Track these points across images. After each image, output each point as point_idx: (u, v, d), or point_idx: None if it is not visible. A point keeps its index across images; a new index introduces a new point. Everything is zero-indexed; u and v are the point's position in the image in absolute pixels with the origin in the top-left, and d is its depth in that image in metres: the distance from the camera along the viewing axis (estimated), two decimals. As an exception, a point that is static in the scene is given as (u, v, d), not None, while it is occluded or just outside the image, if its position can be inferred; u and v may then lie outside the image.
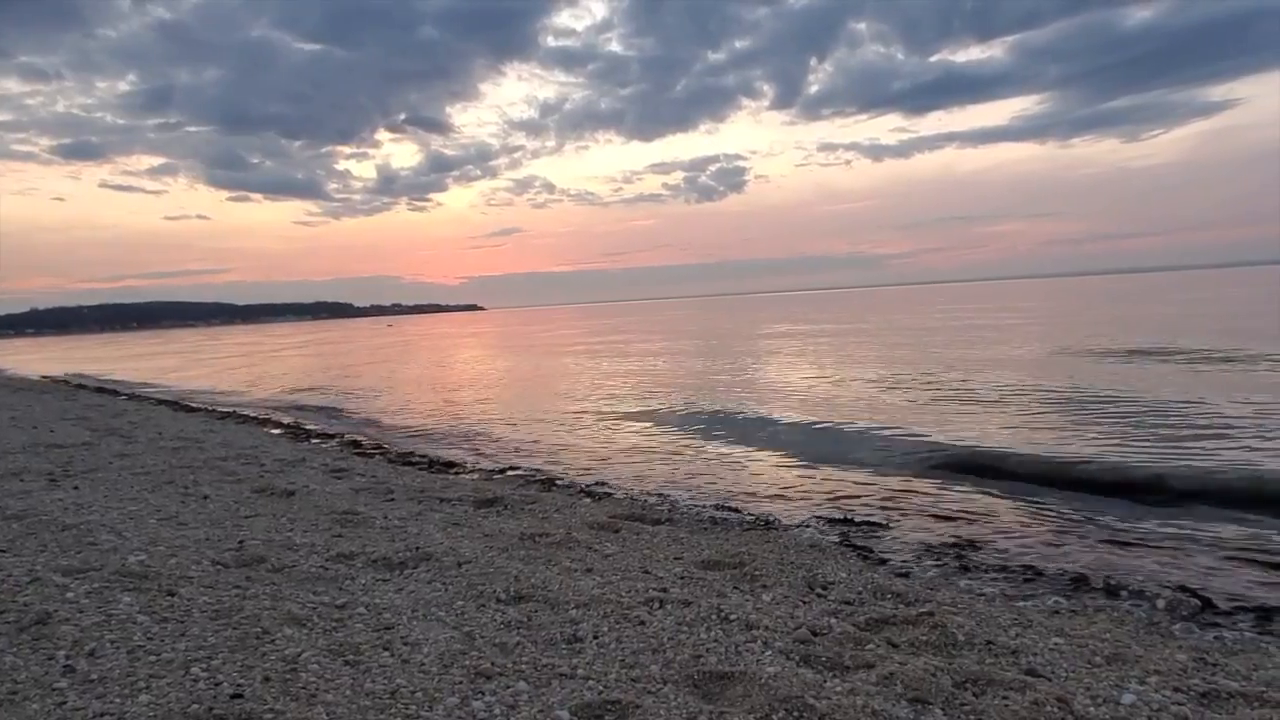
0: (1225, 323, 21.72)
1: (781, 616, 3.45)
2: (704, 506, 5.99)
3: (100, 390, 20.04)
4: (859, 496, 6.41)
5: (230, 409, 14.47)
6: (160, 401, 16.41)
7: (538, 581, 3.87)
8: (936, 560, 4.57)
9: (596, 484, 6.92)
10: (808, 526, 5.32)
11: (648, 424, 10.66)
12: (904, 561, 4.53)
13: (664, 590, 3.80)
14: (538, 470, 7.77)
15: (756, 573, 4.15)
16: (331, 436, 10.53)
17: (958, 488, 6.49)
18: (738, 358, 20.60)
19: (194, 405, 15.29)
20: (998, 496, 6.18)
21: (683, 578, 4.07)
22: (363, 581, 3.87)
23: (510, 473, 7.68)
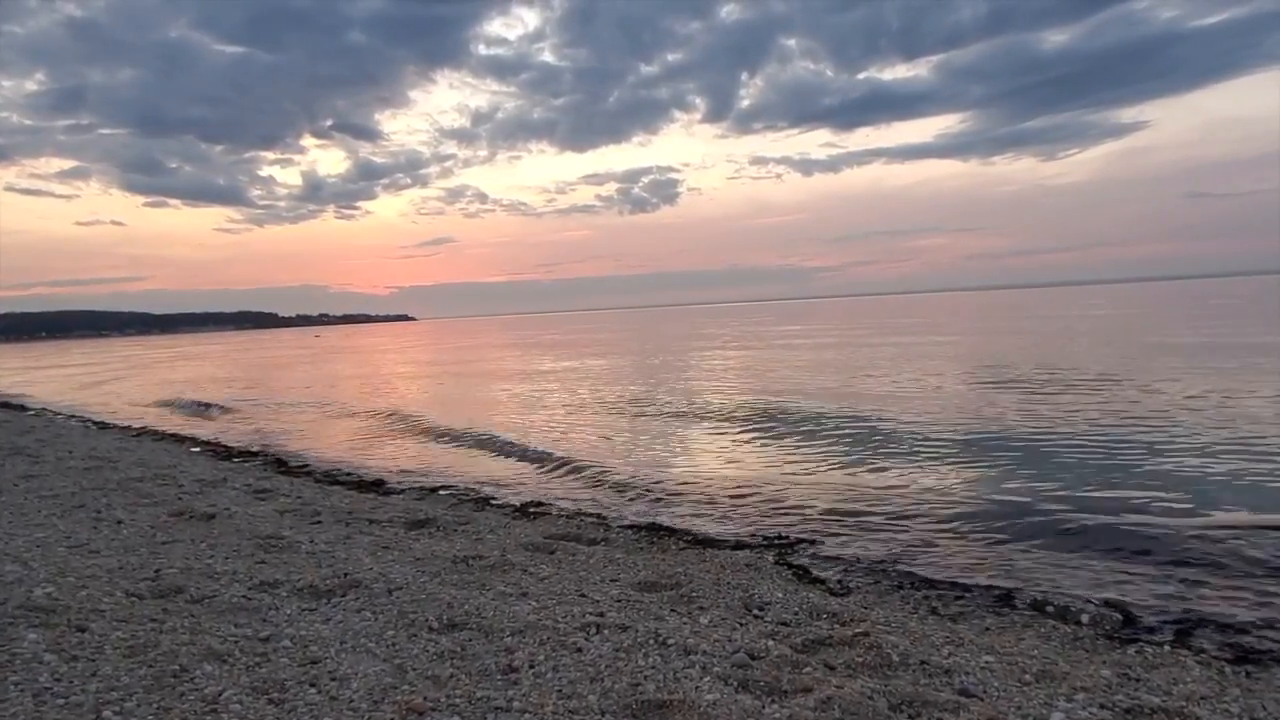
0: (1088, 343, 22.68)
1: (719, 640, 3.44)
2: (640, 526, 5.95)
3: (5, 406, 19.04)
4: (796, 513, 6.46)
5: (146, 425, 13.89)
6: (71, 417, 15.66)
7: (471, 608, 3.79)
8: (869, 578, 4.63)
9: (531, 503, 6.83)
10: (745, 546, 5.33)
11: (579, 438, 10.58)
12: (838, 580, 4.57)
13: (601, 615, 3.75)
14: (470, 489, 7.64)
15: (694, 594, 4.14)
16: (254, 454, 10.18)
17: (886, 507, 6.58)
18: (665, 371, 20.65)
19: (107, 422, 14.63)
20: (926, 519, 6.29)
21: (619, 600, 4.03)
22: (288, 612, 3.73)
23: (442, 492, 7.53)
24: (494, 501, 7.01)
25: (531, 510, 6.54)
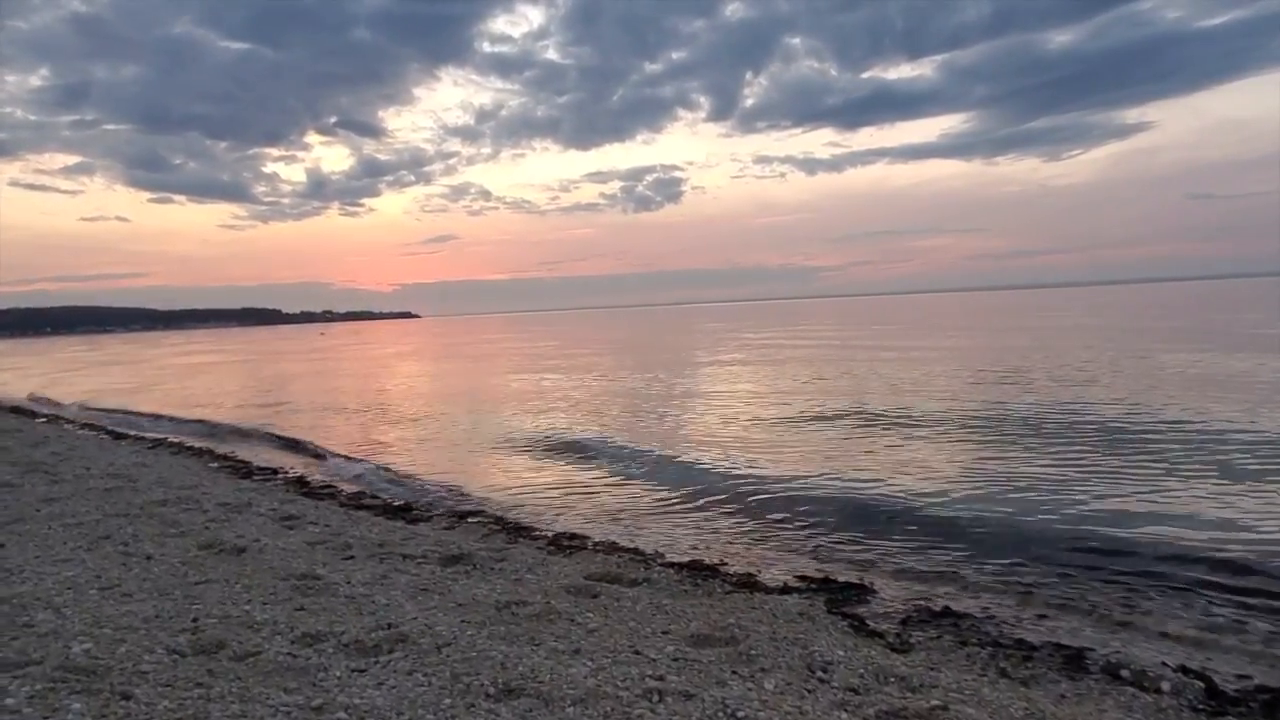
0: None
1: (791, 712, 3.29)
2: (680, 564, 5.80)
3: (15, 411, 18.93)
4: (828, 548, 6.33)
5: (161, 436, 13.77)
6: (83, 426, 15.54)
7: (526, 669, 3.64)
8: (928, 630, 4.48)
9: (564, 535, 6.68)
10: (791, 590, 5.18)
11: (593, 455, 10.43)
12: (896, 633, 4.41)
13: (661, 678, 3.60)
14: (499, 516, 7.50)
15: (752, 652, 3.99)
16: (275, 472, 10.06)
17: (917, 541, 6.44)
18: (670, 381, 20.47)
19: (120, 431, 14.51)
20: (954, 553, 6.14)
21: (677, 660, 3.88)
22: (337, 674, 3.59)
23: (471, 519, 7.39)
24: (526, 532, 6.86)
25: (566, 544, 6.38)
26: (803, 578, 5.49)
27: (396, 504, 8.02)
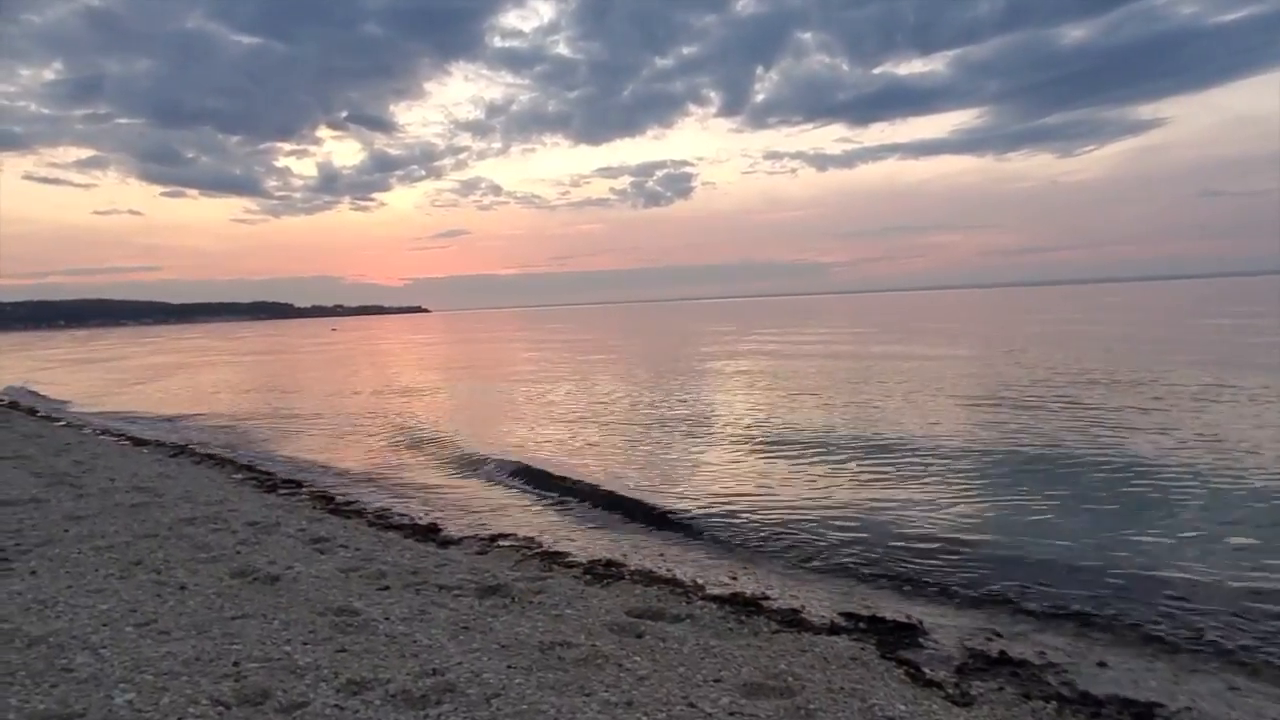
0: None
1: (861, 781, 3.17)
2: (722, 597, 5.68)
3: (33, 414, 18.94)
4: (866, 577, 6.22)
5: (182, 443, 13.73)
6: (103, 431, 15.52)
7: (581, 726, 3.54)
8: (987, 679, 4.35)
9: (599, 562, 6.57)
10: (840, 631, 5.05)
11: (629, 461, 10.32)
12: (955, 682, 4.28)
13: (721, 737, 3.49)
14: (530, 539, 7.41)
15: (810, 706, 3.86)
16: (299, 485, 9.99)
17: (956, 570, 6.31)
18: (680, 379, 20.31)
19: (141, 436, 14.48)
20: (996, 583, 6.01)
21: (733, 715, 3.76)
22: (388, 730, 3.49)
23: (503, 542, 7.29)
24: (559, 558, 6.75)
25: (601, 572, 6.27)
26: (849, 615, 5.36)
27: (424, 524, 7.91)
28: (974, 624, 5.25)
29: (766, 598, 5.70)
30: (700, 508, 8.31)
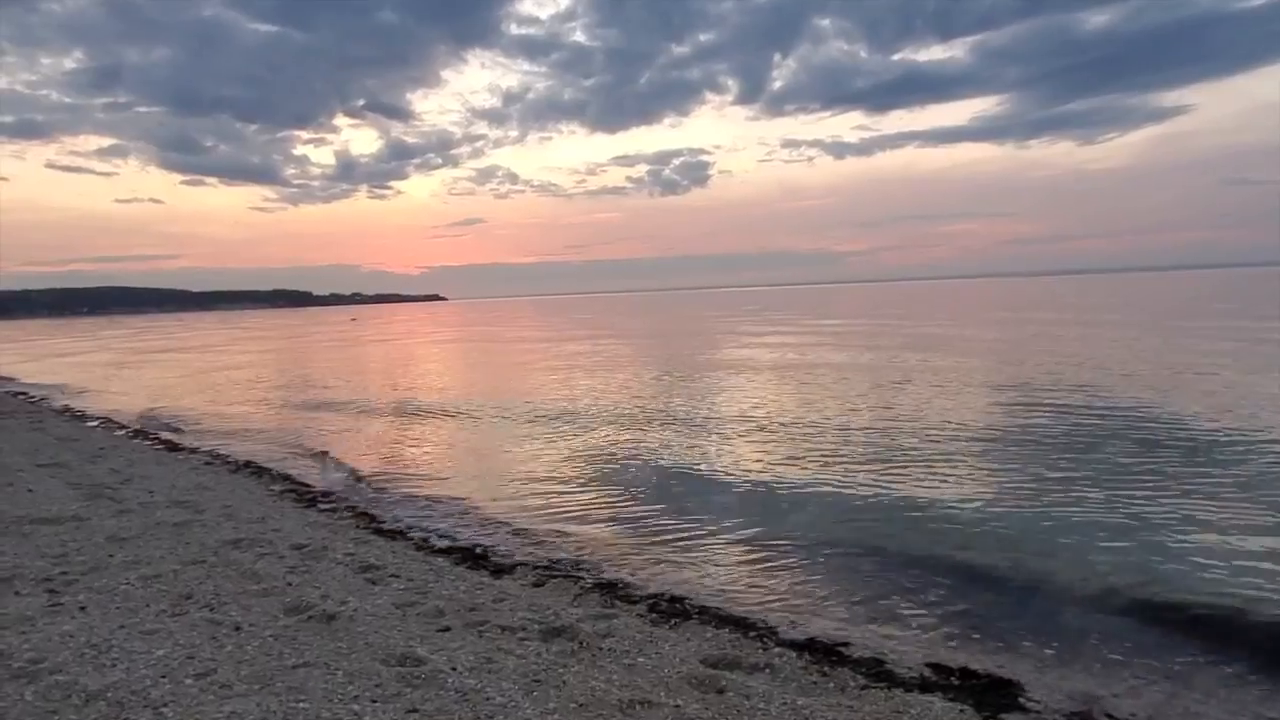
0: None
1: None
2: (799, 644, 5.41)
3: (67, 412, 18.91)
4: (943, 615, 5.93)
5: (215, 445, 13.59)
6: (135, 433, 15.42)
7: (682, 813, 3.28)
8: (1102, 752, 4.06)
9: (664, 598, 6.31)
10: (932, 687, 4.77)
11: (677, 467, 10.05)
12: (1069, 756, 4.00)
13: (835, 829, 3.22)
14: (584, 564, 7.18)
15: (922, 787, 3.59)
16: (339, 499, 9.81)
17: (1038, 608, 6.02)
18: (703, 383, 19.98)
19: (175, 441, 14.36)
20: (1078, 620, 5.73)
21: (842, 798, 3.50)
22: (478, 819, 3.25)
23: (556, 571, 7.05)
24: (618, 591, 6.50)
25: (667, 609, 6.02)
26: (936, 667, 5.07)
27: (472, 548, 7.69)
28: (1073, 681, 4.94)
29: (845, 644, 5.42)
30: (750, 527, 8.06)
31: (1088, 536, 7.41)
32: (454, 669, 4.70)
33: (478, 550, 7.62)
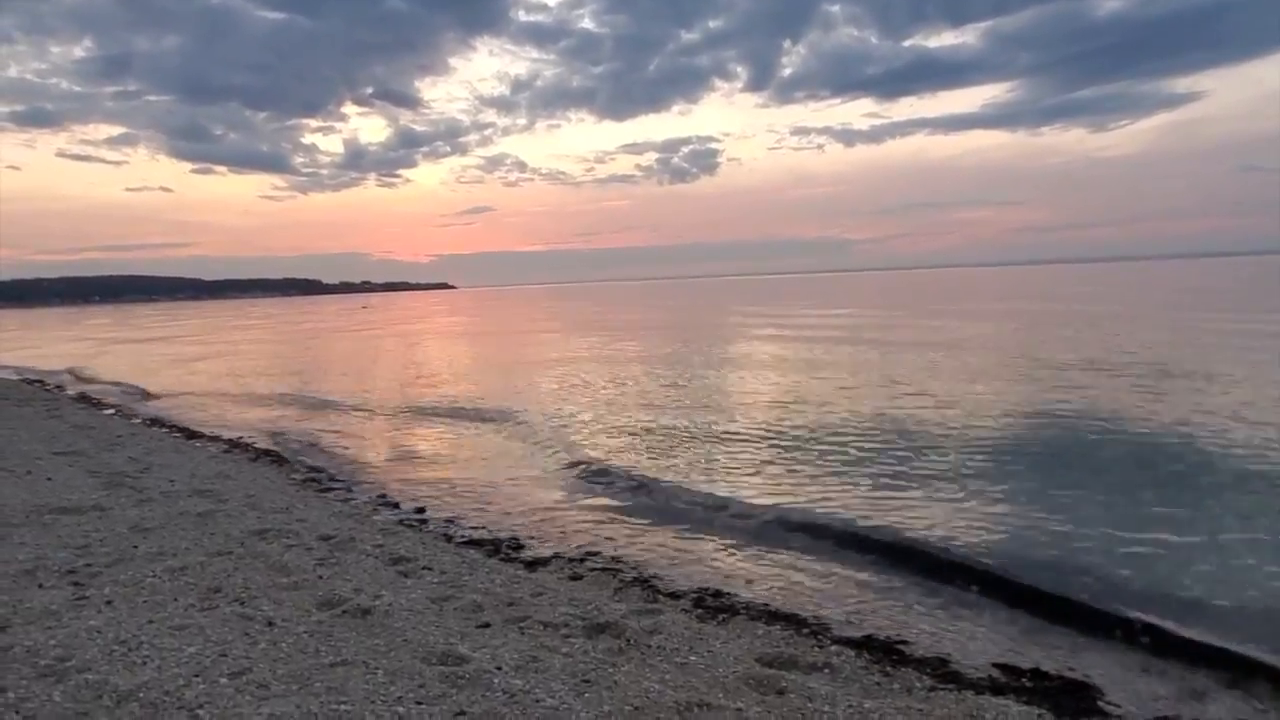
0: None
1: None
2: (852, 638, 5.18)
3: (84, 399, 18.79)
4: (997, 612, 5.68)
5: (235, 436, 13.40)
6: (152, 421, 15.27)
7: (761, 829, 3.05)
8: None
9: (706, 591, 6.08)
10: (1003, 689, 4.51)
11: (684, 460, 9.81)
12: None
13: None
14: (619, 559, 6.95)
15: (1011, 802, 3.35)
16: (359, 485, 9.62)
17: (1107, 597, 5.76)
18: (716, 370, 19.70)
19: (193, 428, 14.19)
20: (1143, 614, 5.46)
21: (928, 812, 3.26)
22: (543, 835, 3.02)
23: (590, 564, 6.83)
24: (657, 586, 6.26)
25: (713, 604, 5.79)
26: (1005, 667, 4.82)
27: (504, 539, 7.47)
28: (1150, 685, 4.69)
29: (904, 642, 5.18)
30: (778, 506, 7.84)
31: (1150, 536, 7.10)
32: (499, 668, 4.46)
33: (510, 542, 7.40)
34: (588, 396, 16.72)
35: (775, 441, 11.41)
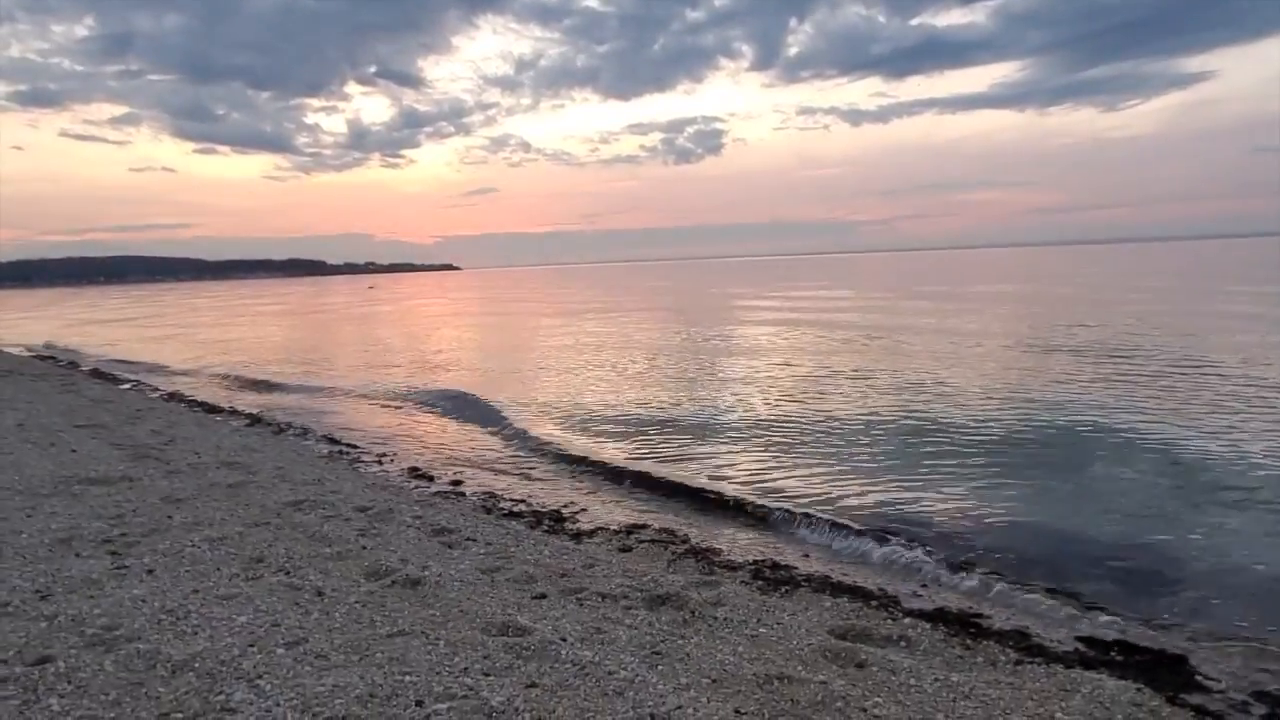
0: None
1: None
2: (925, 609, 4.97)
3: (97, 375, 18.63)
4: (1074, 580, 5.48)
5: (256, 410, 13.22)
6: (170, 395, 15.10)
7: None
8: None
9: (765, 564, 5.87)
10: (1093, 663, 4.31)
11: (749, 429, 9.61)
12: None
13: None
14: (669, 532, 6.74)
15: (1131, 779, 3.15)
16: (387, 457, 9.45)
17: (1175, 573, 5.56)
18: (721, 342, 19.50)
19: (211, 403, 14.02)
20: (1228, 593, 5.26)
21: (1045, 790, 3.06)
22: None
23: (637, 536, 6.63)
24: (711, 558, 6.06)
25: (771, 576, 5.59)
26: (1091, 641, 4.62)
27: (547, 511, 7.28)
28: (1242, 661, 4.48)
29: (980, 615, 4.98)
30: (847, 491, 7.61)
31: (1223, 504, 6.90)
32: (563, 639, 4.27)
33: (551, 514, 7.20)
34: (607, 378, 16.51)
35: (809, 428, 11.19)
